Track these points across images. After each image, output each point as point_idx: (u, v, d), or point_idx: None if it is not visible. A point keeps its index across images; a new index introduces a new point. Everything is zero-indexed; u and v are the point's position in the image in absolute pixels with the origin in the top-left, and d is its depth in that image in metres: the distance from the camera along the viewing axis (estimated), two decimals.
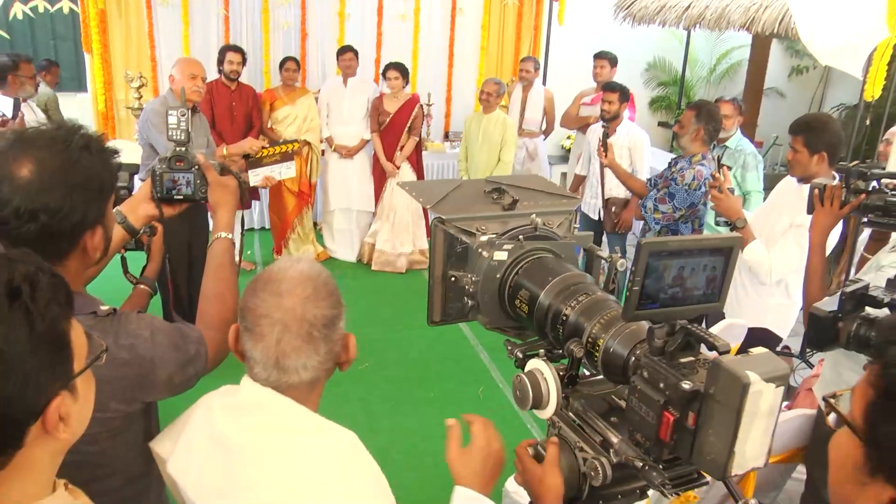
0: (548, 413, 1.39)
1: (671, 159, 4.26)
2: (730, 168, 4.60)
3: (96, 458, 1.46)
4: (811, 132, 3.12)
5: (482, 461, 1.47)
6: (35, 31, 7.84)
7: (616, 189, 5.20)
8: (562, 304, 1.43)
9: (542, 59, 8.09)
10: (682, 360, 1.17)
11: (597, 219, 5.53)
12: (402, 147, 6.50)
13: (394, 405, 4.46)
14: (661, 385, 1.14)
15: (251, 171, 5.26)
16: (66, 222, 1.38)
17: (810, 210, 2.56)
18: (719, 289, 1.22)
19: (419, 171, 6.75)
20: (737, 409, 1.03)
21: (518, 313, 1.56)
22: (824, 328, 1.98)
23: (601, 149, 4.61)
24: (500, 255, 1.60)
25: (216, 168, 1.88)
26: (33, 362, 0.90)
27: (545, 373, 1.38)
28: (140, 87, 6.50)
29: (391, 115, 6.44)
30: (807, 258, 2.54)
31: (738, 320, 3.08)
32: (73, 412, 0.97)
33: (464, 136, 6.57)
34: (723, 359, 1.07)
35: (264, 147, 5.32)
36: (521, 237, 1.65)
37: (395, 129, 6.46)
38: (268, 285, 1.31)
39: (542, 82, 7.92)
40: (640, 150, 5.26)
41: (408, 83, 6.60)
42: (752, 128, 7.84)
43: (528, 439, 1.49)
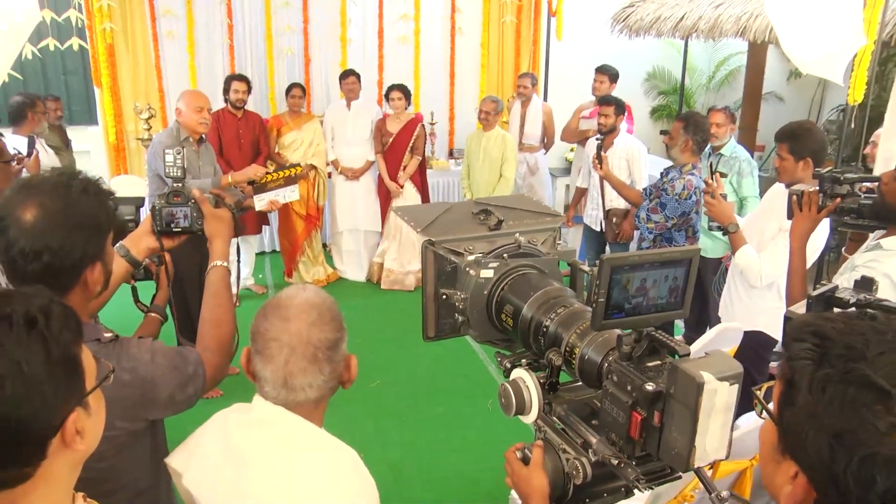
0: (531, 418, 1.49)
1: (663, 170, 4.36)
2: (725, 175, 4.70)
3: (105, 473, 1.58)
4: (795, 139, 3.23)
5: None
6: (46, 69, 8.05)
7: (616, 200, 5.29)
8: (542, 316, 1.53)
9: (541, 75, 8.22)
10: (650, 364, 1.27)
11: (599, 230, 5.63)
12: (405, 167, 6.63)
13: (404, 421, 4.55)
14: (629, 388, 1.23)
15: (256, 196, 5.40)
16: (67, 260, 1.53)
17: (790, 216, 2.66)
18: (682, 297, 1.32)
19: (423, 190, 6.86)
20: (693, 406, 1.12)
21: (504, 326, 1.67)
22: None
23: (595, 161, 4.72)
24: (487, 273, 1.70)
25: (211, 201, 2.03)
26: (51, 383, 1.02)
27: (527, 381, 1.49)
28: (149, 118, 6.68)
29: (394, 136, 6.57)
30: (788, 262, 2.64)
31: (733, 324, 3.15)
32: (87, 426, 1.09)
33: (465, 154, 6.69)
34: (680, 361, 1.17)
35: (268, 172, 5.46)
36: (505, 255, 1.76)
37: (398, 150, 6.59)
38: (276, 311, 1.43)
39: (544, 97, 8.05)
40: (638, 160, 5.35)
41: (410, 104, 6.74)
42: (752, 133, 7.92)
43: (517, 443, 1.58)
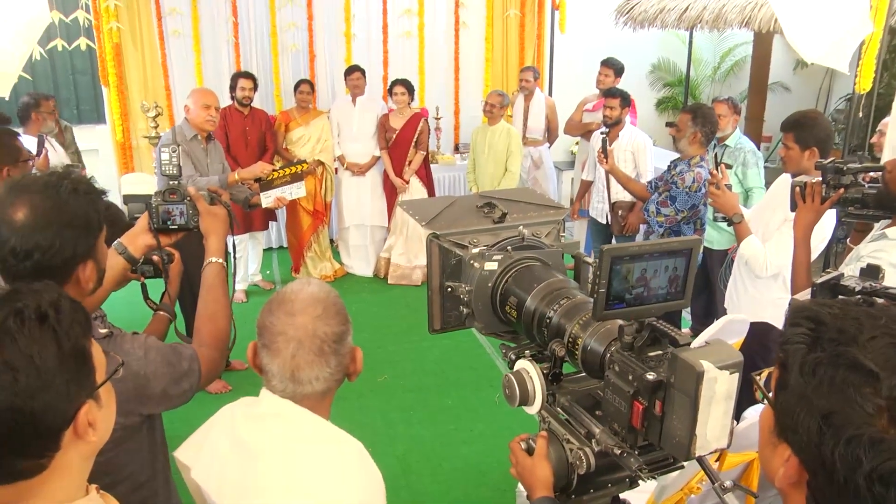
0: (534, 409, 1.51)
1: (670, 162, 4.36)
2: (730, 167, 4.70)
3: (104, 467, 1.61)
4: (801, 129, 3.22)
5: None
6: (55, 69, 8.09)
7: (621, 193, 5.29)
8: (546, 307, 1.55)
9: (545, 68, 8.22)
10: (651, 353, 1.28)
11: (605, 223, 5.63)
12: (410, 162, 6.65)
13: (412, 414, 4.58)
14: (630, 377, 1.25)
15: (263, 192, 5.42)
16: (57, 258, 1.56)
17: (793, 207, 2.66)
18: (682, 287, 1.33)
19: (429, 184, 6.88)
20: (693, 395, 1.14)
21: (509, 318, 1.68)
22: None
23: (601, 155, 4.72)
24: (491, 266, 1.72)
25: (206, 198, 2.07)
26: (62, 375, 1.05)
27: (531, 371, 1.50)
28: (156, 116, 6.72)
29: (397, 132, 6.59)
30: (792, 253, 2.64)
31: (740, 316, 3.16)
32: (98, 418, 1.12)
33: (471, 148, 6.70)
34: (680, 350, 1.18)
35: (275, 170, 5.48)
36: (509, 248, 1.77)
37: (402, 145, 6.61)
38: (282, 305, 1.45)
39: (549, 91, 8.05)
40: (644, 153, 5.34)
41: (413, 99, 6.75)
42: (758, 123, 7.90)
43: (522, 434, 1.60)
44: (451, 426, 4.41)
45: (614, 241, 5.56)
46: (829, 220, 3.12)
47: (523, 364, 1.54)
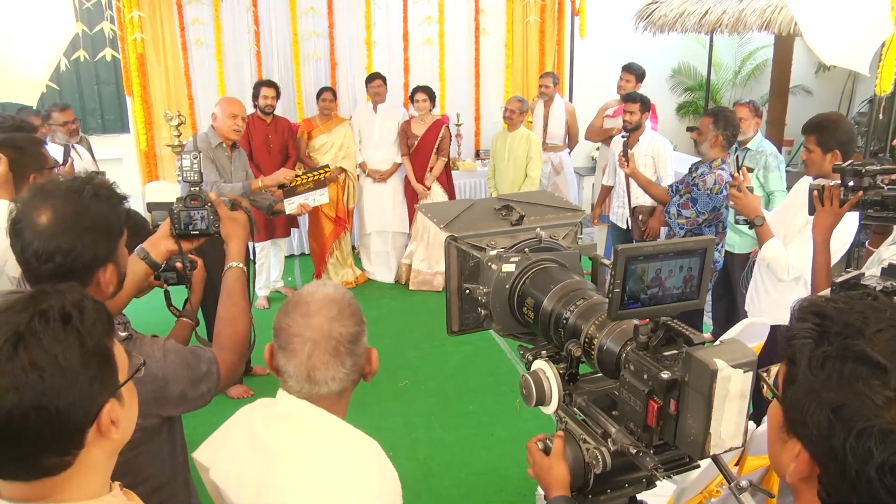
0: (551, 409, 1.52)
1: (692, 165, 4.36)
2: (751, 170, 4.68)
3: (123, 468, 1.65)
4: (823, 131, 3.19)
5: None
6: (81, 79, 8.23)
7: (642, 197, 5.29)
8: (562, 308, 1.56)
9: (566, 74, 8.22)
10: (666, 353, 1.29)
11: (625, 227, 5.62)
12: (432, 168, 6.68)
13: (433, 419, 4.59)
14: (645, 376, 1.26)
15: (286, 199, 5.47)
16: (78, 261, 1.60)
17: (811, 211, 2.64)
18: (697, 287, 1.34)
19: (450, 190, 6.90)
20: (707, 393, 1.15)
21: (526, 319, 1.70)
22: None
23: (622, 158, 4.73)
24: (508, 268, 1.73)
25: (227, 204, 2.10)
26: (86, 374, 1.07)
27: (547, 372, 1.52)
28: (179, 125, 6.79)
29: (419, 138, 6.62)
30: (812, 257, 2.63)
31: (760, 319, 3.15)
32: (121, 416, 1.15)
33: (491, 154, 6.72)
34: (693, 349, 1.19)
35: (297, 176, 5.53)
36: (527, 250, 1.79)
37: (424, 152, 6.65)
38: (298, 307, 1.48)
39: (568, 96, 8.05)
40: (664, 157, 5.34)
41: (435, 105, 6.78)
42: (779, 127, 7.84)
43: (539, 434, 1.61)
44: (471, 431, 4.43)
45: None
46: (851, 223, 3.10)
47: (540, 364, 1.55)
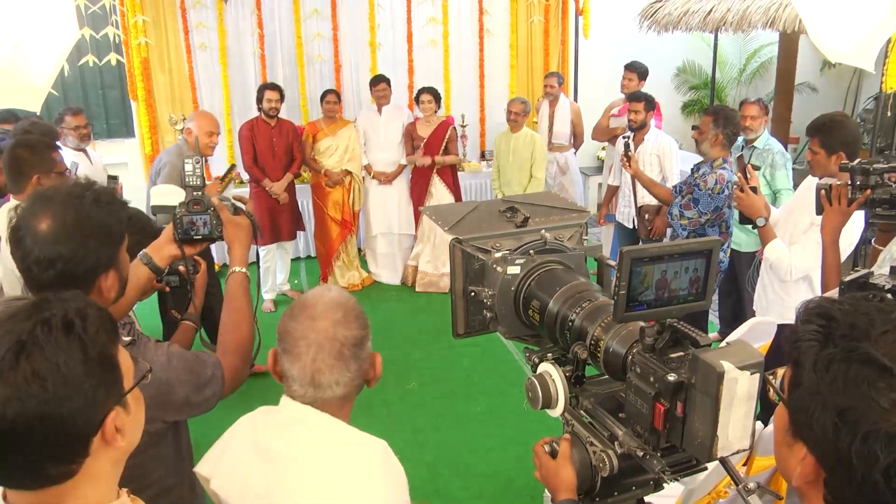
0: (557, 412, 1.52)
1: (693, 165, 4.35)
2: (758, 168, 4.66)
3: (128, 471, 1.66)
4: (826, 133, 3.17)
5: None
6: (85, 84, 8.24)
7: (648, 197, 5.26)
8: (568, 310, 1.55)
9: (570, 74, 8.21)
10: (673, 355, 1.28)
11: (632, 227, 5.61)
12: (444, 158, 6.64)
13: (441, 420, 4.59)
14: (652, 379, 1.25)
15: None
16: (79, 268, 1.60)
17: (819, 211, 2.62)
18: (703, 288, 1.33)
19: (456, 191, 6.89)
20: (715, 396, 1.14)
21: (532, 322, 1.69)
22: None
23: (624, 158, 4.72)
24: (514, 270, 1.73)
25: (229, 208, 2.09)
26: (90, 382, 1.06)
27: (553, 374, 1.51)
28: (183, 129, 6.79)
29: (425, 140, 6.61)
30: (821, 257, 2.61)
31: (767, 318, 3.13)
32: (126, 424, 1.14)
33: (495, 155, 6.71)
34: (700, 351, 1.19)
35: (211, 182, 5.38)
36: (532, 252, 1.78)
37: (430, 153, 6.62)
38: (303, 311, 1.47)
39: (573, 96, 8.03)
40: (669, 156, 5.33)
41: (440, 107, 6.77)
42: (785, 125, 7.80)
43: (546, 437, 1.61)
44: (479, 433, 4.42)
45: (640, 244, 5.52)
46: (857, 222, 3.08)
47: (546, 367, 1.55)
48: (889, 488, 0.83)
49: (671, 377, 1.21)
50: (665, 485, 1.44)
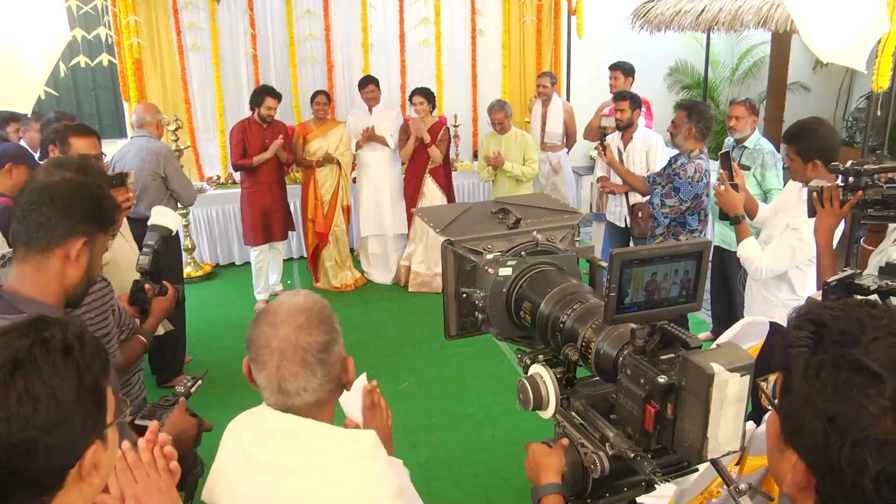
0: (548, 413, 1.52)
1: (671, 157, 4.55)
2: (748, 168, 4.68)
3: None
4: (800, 141, 3.13)
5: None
6: (78, 85, 8.22)
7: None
8: (559, 312, 1.55)
9: (563, 74, 8.21)
10: (663, 357, 1.28)
11: (623, 226, 5.62)
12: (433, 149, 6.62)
13: (434, 421, 4.58)
14: (642, 381, 1.25)
15: None
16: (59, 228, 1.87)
17: (811, 213, 2.61)
18: (694, 290, 1.33)
19: (449, 191, 6.88)
20: (705, 398, 1.14)
21: (524, 323, 1.69)
22: None
23: (600, 148, 4.86)
24: (505, 271, 1.73)
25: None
26: (79, 413, 1.03)
27: (544, 376, 1.51)
28: (176, 129, 6.78)
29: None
30: (816, 259, 2.61)
31: (759, 318, 3.14)
32: (103, 460, 1.09)
33: (480, 154, 6.69)
34: (690, 353, 1.19)
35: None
36: (523, 253, 1.78)
37: (424, 153, 6.61)
38: (266, 318, 1.44)
39: (566, 96, 8.04)
40: (656, 151, 5.44)
41: (434, 108, 6.76)
42: (777, 125, 7.84)
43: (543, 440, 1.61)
44: (472, 433, 4.42)
45: (632, 243, 5.54)
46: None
47: (537, 369, 1.55)
48: (879, 495, 0.83)
49: (661, 379, 1.21)
50: (657, 486, 1.44)
